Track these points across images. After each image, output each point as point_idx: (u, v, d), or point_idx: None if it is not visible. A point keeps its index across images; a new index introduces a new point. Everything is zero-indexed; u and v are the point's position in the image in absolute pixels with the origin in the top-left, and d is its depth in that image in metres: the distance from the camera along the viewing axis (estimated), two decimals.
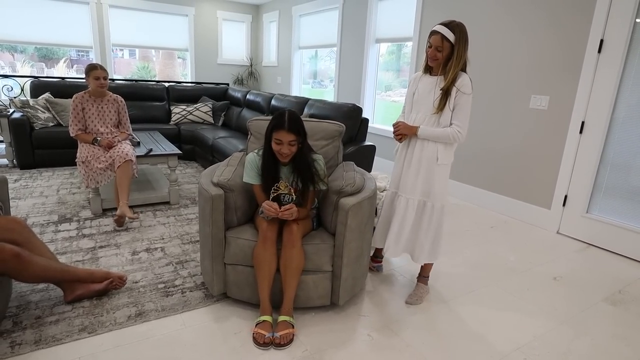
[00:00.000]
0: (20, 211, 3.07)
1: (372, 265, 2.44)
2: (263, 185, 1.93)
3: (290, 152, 1.84)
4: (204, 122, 5.35)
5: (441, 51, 1.86)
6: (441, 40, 1.85)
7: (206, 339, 1.75)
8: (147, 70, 8.65)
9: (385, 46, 5.14)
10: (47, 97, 4.46)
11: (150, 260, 2.41)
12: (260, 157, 1.92)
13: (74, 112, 2.97)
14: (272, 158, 1.89)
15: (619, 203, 2.90)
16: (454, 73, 1.86)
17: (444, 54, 1.87)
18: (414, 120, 2.02)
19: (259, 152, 1.95)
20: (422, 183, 2.01)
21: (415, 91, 2.02)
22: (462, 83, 1.88)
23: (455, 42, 1.84)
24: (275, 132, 1.81)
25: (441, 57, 1.88)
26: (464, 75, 1.89)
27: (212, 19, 7.16)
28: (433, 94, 1.94)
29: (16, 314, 1.84)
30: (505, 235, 3.14)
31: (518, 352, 1.77)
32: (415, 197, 2.04)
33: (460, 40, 1.84)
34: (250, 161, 1.93)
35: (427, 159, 1.99)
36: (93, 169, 2.93)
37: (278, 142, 1.82)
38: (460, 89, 1.88)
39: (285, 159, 1.86)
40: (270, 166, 1.90)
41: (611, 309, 2.17)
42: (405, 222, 2.07)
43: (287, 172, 1.95)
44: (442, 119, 1.94)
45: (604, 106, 2.89)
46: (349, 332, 1.85)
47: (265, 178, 1.91)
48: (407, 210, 2.06)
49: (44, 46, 6.41)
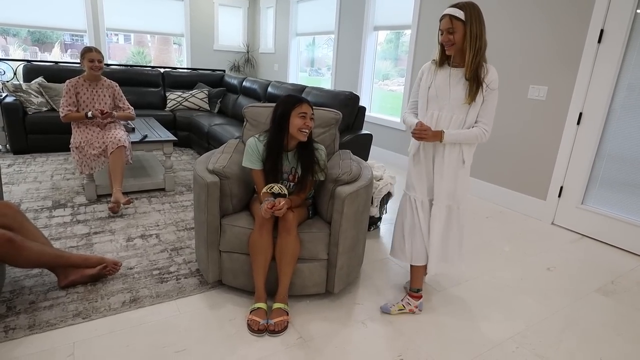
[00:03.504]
0: (14, 196, 3.04)
1: (415, 306, 1.95)
2: (264, 171, 1.91)
3: (312, 128, 1.87)
4: (200, 108, 5.30)
5: (453, 33, 1.64)
6: (450, 21, 1.64)
7: (200, 325, 1.75)
8: (142, 56, 8.52)
9: (384, 34, 5.09)
10: (41, 82, 4.39)
11: (145, 246, 2.41)
12: (262, 142, 1.91)
13: (67, 94, 2.92)
14: (279, 143, 1.89)
15: (614, 195, 2.91)
16: (472, 54, 1.65)
17: (458, 37, 1.64)
18: (436, 119, 1.78)
19: (259, 138, 1.94)
20: (448, 186, 1.83)
21: (432, 85, 1.77)
22: (491, 78, 1.69)
23: (467, 19, 1.62)
24: (298, 106, 1.84)
25: (456, 40, 1.65)
26: (492, 68, 1.70)
27: (208, 4, 7.04)
28: (459, 87, 1.71)
29: (10, 298, 1.83)
30: (501, 225, 3.16)
31: (510, 340, 1.79)
32: (446, 202, 1.86)
33: (472, 17, 1.63)
34: (251, 146, 1.92)
35: (454, 161, 1.80)
36: (87, 155, 2.90)
37: (303, 116, 1.84)
38: (489, 85, 1.69)
39: (304, 137, 1.86)
40: (277, 151, 1.89)
41: (603, 299, 2.20)
42: (450, 232, 1.89)
43: (291, 158, 1.95)
44: (469, 117, 1.73)
45: (602, 97, 2.88)
46: (344, 320, 1.86)
47: (269, 163, 1.89)
48: (448, 219, 1.88)
49: (37, 30, 6.30)
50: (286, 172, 1.95)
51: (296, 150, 1.93)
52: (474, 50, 1.65)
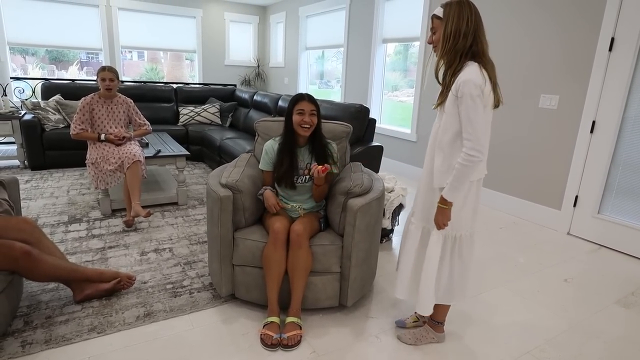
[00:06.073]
0: (31, 212, 3.10)
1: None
2: (281, 167, 1.98)
3: (312, 123, 1.93)
4: (212, 123, 5.38)
5: (435, 32, 1.52)
6: (432, 21, 1.52)
7: (214, 339, 1.75)
8: (155, 72, 8.71)
9: (393, 46, 5.13)
10: (58, 99, 4.51)
11: (158, 260, 2.43)
12: (277, 142, 2.03)
13: (80, 112, 2.98)
14: (289, 140, 1.99)
15: (631, 203, 2.85)
16: (440, 57, 1.49)
17: (437, 37, 1.51)
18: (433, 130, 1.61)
19: (276, 139, 2.06)
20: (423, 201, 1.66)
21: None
22: (461, 79, 1.42)
23: (444, 16, 1.46)
24: (297, 104, 1.93)
25: (435, 40, 1.52)
26: (467, 69, 1.43)
27: (219, 20, 7.19)
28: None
29: (27, 313, 1.86)
30: (515, 236, 3.11)
31: (528, 355, 1.75)
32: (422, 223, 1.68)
33: (450, 14, 1.45)
34: (267, 148, 2.05)
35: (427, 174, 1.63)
36: (102, 171, 2.95)
37: (300, 113, 1.92)
38: (459, 88, 1.42)
39: (306, 132, 1.94)
40: (289, 148, 1.98)
41: (624, 311, 2.14)
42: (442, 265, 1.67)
43: (305, 153, 2.03)
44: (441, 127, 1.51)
45: (616, 105, 2.85)
46: (357, 333, 1.84)
47: (284, 160, 1.98)
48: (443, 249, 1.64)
49: (55, 49, 6.49)
50: (301, 168, 2.02)
51: (308, 146, 2.03)
52: (444, 48, 1.47)
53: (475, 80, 1.41)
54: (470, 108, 1.41)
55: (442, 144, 1.53)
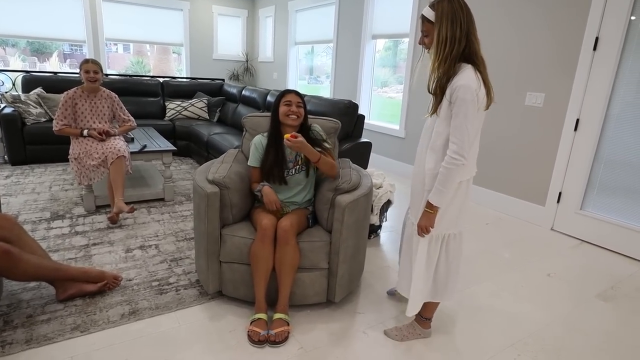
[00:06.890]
0: (12, 208, 3.03)
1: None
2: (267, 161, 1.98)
3: (299, 114, 1.96)
4: (199, 118, 5.32)
5: (427, 35, 1.48)
6: (422, 23, 1.48)
7: (201, 337, 1.74)
8: (141, 65, 8.56)
9: (382, 42, 5.13)
10: (39, 92, 4.40)
11: (144, 257, 2.39)
12: (265, 137, 2.03)
13: (63, 107, 2.92)
14: (276, 133, 1.99)
15: (612, 200, 2.91)
16: (437, 62, 1.44)
17: (430, 40, 1.47)
18: (423, 132, 1.62)
19: (264, 134, 2.06)
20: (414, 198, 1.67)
21: None
22: (457, 83, 1.40)
23: (436, 19, 1.42)
24: (284, 97, 1.97)
25: (428, 44, 1.49)
26: (464, 73, 1.42)
27: (207, 13, 7.09)
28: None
29: (7, 312, 1.82)
30: (500, 231, 3.15)
31: (511, 348, 1.78)
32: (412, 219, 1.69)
33: (442, 17, 1.40)
34: (256, 143, 2.04)
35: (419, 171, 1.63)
36: (85, 166, 2.90)
37: (287, 104, 1.95)
38: (455, 92, 1.40)
39: (294, 122, 1.95)
40: (275, 141, 1.98)
41: (604, 305, 2.19)
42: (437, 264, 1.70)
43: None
44: (434, 132, 1.51)
45: (599, 103, 2.90)
46: (345, 329, 1.85)
47: (272, 153, 1.98)
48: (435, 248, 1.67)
49: (36, 40, 6.32)
50: (290, 161, 2.02)
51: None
52: (439, 56, 1.42)
53: (471, 85, 1.39)
54: (462, 113, 1.40)
55: (435, 146, 1.52)
